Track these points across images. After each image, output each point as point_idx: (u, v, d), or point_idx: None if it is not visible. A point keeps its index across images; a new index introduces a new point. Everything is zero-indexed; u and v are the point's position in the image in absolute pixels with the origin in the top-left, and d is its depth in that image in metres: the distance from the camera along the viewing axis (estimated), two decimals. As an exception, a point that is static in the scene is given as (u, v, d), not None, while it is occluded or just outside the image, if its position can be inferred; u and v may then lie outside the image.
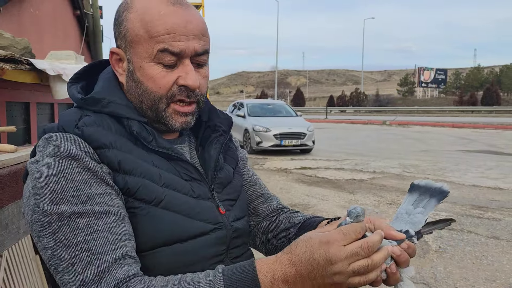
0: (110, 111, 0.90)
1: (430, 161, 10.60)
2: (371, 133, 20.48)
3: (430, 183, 0.88)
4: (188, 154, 1.01)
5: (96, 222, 0.76)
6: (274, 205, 1.19)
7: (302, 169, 9.47)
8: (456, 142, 15.56)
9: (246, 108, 13.51)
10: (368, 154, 12.06)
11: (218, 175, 1.01)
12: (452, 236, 4.74)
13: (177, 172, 0.92)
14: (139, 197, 0.85)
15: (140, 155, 0.89)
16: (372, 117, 36.84)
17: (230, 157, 1.10)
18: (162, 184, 0.88)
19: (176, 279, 0.74)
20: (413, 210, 0.85)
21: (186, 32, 0.88)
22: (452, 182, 7.89)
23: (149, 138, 0.90)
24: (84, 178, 0.78)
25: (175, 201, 0.88)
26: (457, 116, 36.33)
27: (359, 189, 7.29)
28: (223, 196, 1.00)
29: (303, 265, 0.70)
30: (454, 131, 21.13)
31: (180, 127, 0.94)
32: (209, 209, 0.94)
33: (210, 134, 1.05)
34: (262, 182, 1.22)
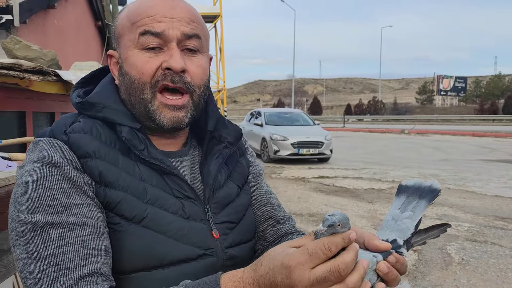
0: (103, 116, 0.85)
1: (451, 170, 10.42)
2: (389, 142, 20.26)
3: (418, 182, 0.77)
4: (187, 169, 0.93)
5: (69, 234, 0.71)
6: (285, 228, 1.04)
7: (320, 178, 9.42)
8: (477, 151, 15.26)
9: (263, 116, 13.54)
10: (386, 163, 11.92)
11: (216, 194, 0.91)
12: (475, 248, 4.64)
13: (168, 188, 0.84)
14: (119, 213, 0.78)
15: (126, 167, 0.82)
16: (390, 125, 36.45)
17: (237, 173, 1.00)
18: (146, 200, 0.80)
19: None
20: (400, 215, 0.74)
21: (170, 14, 0.84)
22: (474, 192, 7.73)
23: (140, 146, 0.83)
24: (63, 187, 0.74)
25: (159, 220, 0.80)
26: (477, 125, 35.68)
27: (378, 198, 7.20)
28: (221, 218, 0.90)
29: (266, 287, 0.63)
30: (474, 140, 20.73)
31: (169, 123, 0.85)
32: (199, 232, 0.84)
33: (214, 146, 0.96)
34: (277, 202, 1.08)
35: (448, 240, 4.90)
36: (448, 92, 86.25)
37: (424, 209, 0.73)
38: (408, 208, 0.73)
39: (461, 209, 6.43)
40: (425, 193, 0.74)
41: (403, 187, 0.77)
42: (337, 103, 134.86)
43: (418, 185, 0.76)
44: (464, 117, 48.84)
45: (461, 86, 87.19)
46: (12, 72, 2.06)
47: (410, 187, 0.76)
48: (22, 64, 2.13)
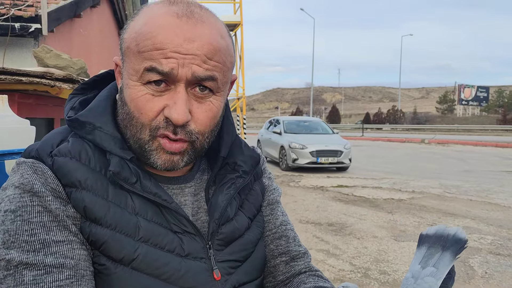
0: (92, 140, 0.76)
1: (473, 181, 10.21)
2: (409, 151, 19.99)
3: (441, 229, 0.65)
4: (189, 197, 0.82)
5: (44, 278, 0.64)
6: (299, 267, 0.94)
7: (339, 187, 9.35)
8: (501, 162, 14.92)
9: (282, 125, 13.55)
10: (406, 173, 11.76)
11: (222, 230, 0.81)
12: (499, 262, 4.53)
13: (165, 222, 0.76)
14: (105, 253, 0.70)
15: (116, 199, 0.73)
16: (409, 135, 35.97)
17: (249, 203, 0.89)
18: (139, 238, 0.72)
19: None
20: (420, 271, 0.62)
21: (182, 50, 0.69)
22: (497, 204, 7.56)
23: (131, 179, 0.74)
24: (43, 220, 0.67)
25: (152, 262, 0.72)
26: (500, 135, 34.90)
27: (398, 209, 7.11)
28: (224, 256, 0.80)
29: None
30: (497, 150, 20.28)
31: (162, 166, 0.75)
32: (198, 272, 0.75)
33: (226, 174, 0.85)
34: (292, 234, 0.96)
35: (471, 253, 4.80)
36: (469, 101, 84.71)
37: (450, 263, 0.61)
38: (430, 263, 0.62)
39: (483, 221, 6.29)
40: (449, 243, 0.63)
41: (424, 237, 0.66)
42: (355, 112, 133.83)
43: (441, 234, 0.65)
44: (486, 127, 47.85)
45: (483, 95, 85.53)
46: (44, 80, 2.14)
47: (431, 236, 0.65)
48: (53, 72, 2.20)
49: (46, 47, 2.54)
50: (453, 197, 8.26)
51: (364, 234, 5.59)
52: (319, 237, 5.44)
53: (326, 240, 5.29)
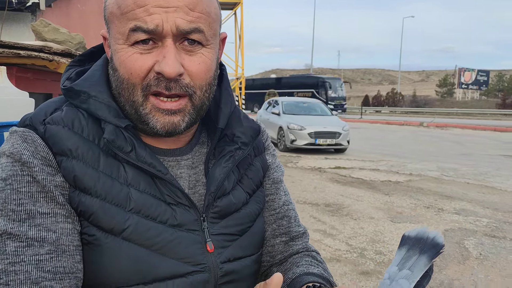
0: (86, 109, 0.75)
1: (471, 165, 10.26)
2: (408, 134, 20.01)
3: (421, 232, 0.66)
4: (186, 169, 0.81)
5: (24, 251, 0.64)
6: (297, 247, 0.95)
7: (337, 169, 9.38)
8: (499, 146, 14.96)
9: (281, 105, 13.51)
10: (404, 155, 11.80)
11: (218, 203, 0.80)
12: (494, 244, 4.59)
13: (158, 193, 0.75)
14: (94, 223, 0.70)
15: (108, 169, 0.72)
16: (408, 118, 35.92)
17: (249, 178, 0.87)
18: (129, 209, 0.71)
19: None
20: (397, 273, 0.63)
21: (163, 3, 0.68)
22: (493, 187, 7.61)
23: (126, 148, 0.72)
24: (31, 190, 0.67)
25: (143, 232, 0.71)
26: (499, 120, 34.91)
27: (395, 191, 7.15)
28: (219, 229, 0.79)
29: None
30: (496, 134, 20.32)
31: (162, 129, 0.74)
32: (190, 244, 0.74)
33: (225, 146, 0.83)
34: (294, 214, 0.96)
35: (466, 235, 4.86)
36: (469, 85, 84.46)
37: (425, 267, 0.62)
38: (407, 266, 0.64)
39: (480, 204, 6.35)
40: (427, 247, 0.64)
41: (406, 238, 0.67)
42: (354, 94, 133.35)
43: (420, 237, 0.66)
44: (485, 111, 47.80)
45: (483, 79, 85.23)
46: (42, 54, 2.11)
47: (412, 238, 0.66)
48: (52, 46, 2.17)
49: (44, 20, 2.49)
50: (450, 180, 8.31)
51: (361, 215, 5.64)
52: (316, 217, 5.48)
53: (323, 221, 5.33)
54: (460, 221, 5.40)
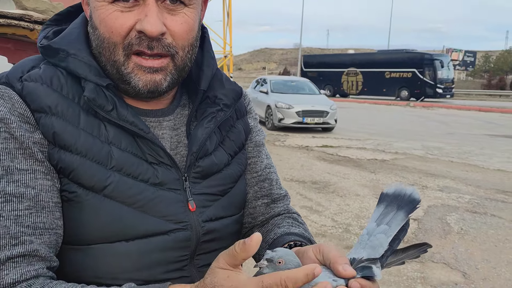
0: (65, 67, 0.73)
1: (455, 144, 10.41)
2: (395, 114, 20.17)
3: (399, 189, 0.67)
4: (168, 131, 0.80)
5: (3, 206, 0.63)
6: (279, 209, 0.96)
7: (324, 147, 9.45)
8: (483, 126, 15.19)
9: (269, 84, 13.45)
10: (390, 135, 11.91)
11: (200, 163, 0.79)
12: (475, 219, 4.70)
13: (140, 152, 0.74)
14: (75, 180, 0.69)
15: (88, 127, 0.71)
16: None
17: (231, 140, 0.88)
18: (110, 167, 0.71)
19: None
20: (375, 228, 0.65)
21: None
22: (476, 166, 7.76)
23: (107, 106, 0.71)
24: (9, 147, 0.66)
25: (125, 190, 0.71)
26: (484, 100, 35.35)
27: (381, 169, 7.25)
28: (201, 189, 0.79)
29: None
30: (480, 115, 20.60)
31: (145, 88, 0.73)
32: (172, 202, 0.75)
33: (206, 108, 0.82)
34: (275, 177, 0.97)
35: (448, 210, 4.97)
36: (456, 66, 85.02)
37: (402, 222, 0.64)
38: (385, 221, 0.65)
39: (463, 181, 6.48)
40: (404, 203, 0.65)
41: (384, 195, 0.68)
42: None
43: (398, 193, 0.67)
44: (471, 91, 48.32)
45: (470, 60, 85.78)
46: (22, 23, 2.05)
47: (390, 195, 0.67)
48: (32, 15, 2.11)
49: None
50: (435, 158, 8.44)
51: (347, 192, 5.71)
52: (303, 194, 5.54)
53: (309, 198, 5.39)
54: (443, 197, 5.51)
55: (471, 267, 3.51)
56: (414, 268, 3.48)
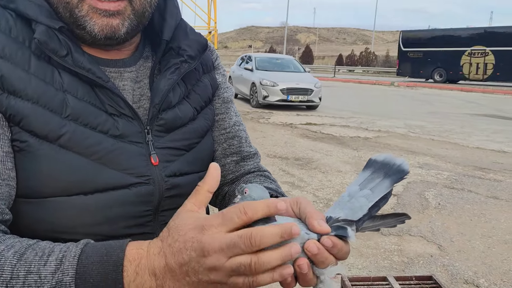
0: (14, 8, 0.68)
1: (436, 122, 10.56)
2: (379, 93, 20.29)
3: (389, 158, 0.66)
4: (129, 82, 0.76)
5: None
6: (249, 167, 0.93)
7: (307, 125, 9.48)
8: (464, 105, 15.41)
9: (254, 61, 13.34)
10: (374, 113, 12.00)
11: (162, 116, 0.76)
12: (452, 195, 4.81)
13: (99, 102, 0.70)
14: (26, 128, 0.64)
15: (40, 72, 0.66)
16: (380, 77, 36.31)
17: (197, 94, 0.84)
18: (66, 115, 0.66)
19: (26, 245, 0.57)
20: (357, 192, 0.64)
21: None
22: (456, 143, 7.90)
23: (61, 51, 0.66)
24: None
25: (82, 140, 0.67)
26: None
27: (363, 146, 7.32)
28: (165, 142, 0.76)
29: (173, 256, 0.53)
30: (462, 94, 20.86)
31: (101, 33, 0.68)
32: (133, 156, 0.71)
33: (170, 59, 0.79)
34: (245, 135, 0.95)
35: (427, 186, 5.07)
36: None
37: (386, 190, 0.63)
38: (369, 186, 0.64)
39: (442, 159, 6.60)
40: (392, 172, 0.64)
41: (372, 162, 0.67)
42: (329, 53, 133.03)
43: (387, 162, 0.65)
44: (454, 72, 48.62)
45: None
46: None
47: (378, 162, 0.66)
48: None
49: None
50: (416, 136, 8.55)
51: (329, 168, 5.77)
52: (285, 170, 5.57)
53: (292, 173, 5.44)
54: (422, 174, 5.62)
55: (446, 240, 3.61)
56: (391, 241, 3.57)
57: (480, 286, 2.90)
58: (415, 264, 3.18)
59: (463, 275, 3.04)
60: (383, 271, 3.05)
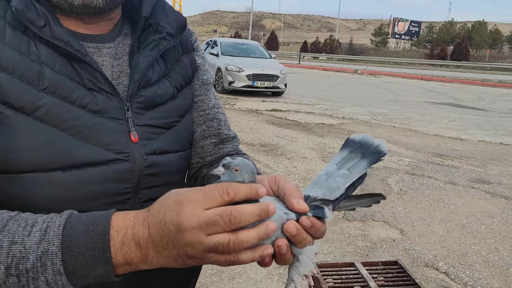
0: None
1: (398, 110, 10.85)
2: (343, 80, 20.59)
3: (366, 138, 0.65)
4: (108, 58, 0.75)
5: None
6: (227, 149, 0.93)
7: (273, 111, 9.49)
8: (424, 94, 15.91)
9: (219, 46, 13.17)
10: (338, 100, 12.18)
11: (142, 93, 0.75)
12: (413, 180, 4.96)
13: (77, 76, 0.68)
14: (2, 100, 0.63)
15: (15, 43, 0.64)
16: (344, 65, 36.79)
17: (176, 72, 0.83)
18: (43, 88, 0.65)
19: (7, 217, 0.57)
20: (335, 171, 0.64)
21: None
22: (417, 131, 8.15)
23: (39, 22, 0.64)
24: None
25: (60, 114, 0.65)
26: (426, 69, 36.87)
27: (328, 133, 7.41)
28: (144, 120, 0.75)
29: (155, 227, 0.54)
30: (422, 83, 21.53)
31: (80, 2, 0.67)
32: (113, 132, 0.70)
33: (149, 36, 0.78)
34: (224, 118, 0.95)
35: (390, 173, 5.20)
36: (402, 35, 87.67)
37: (363, 171, 0.63)
38: (346, 166, 0.64)
39: (404, 145, 6.79)
40: (370, 153, 0.64)
41: (350, 141, 0.67)
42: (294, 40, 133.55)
43: (365, 142, 0.65)
44: (414, 61, 50.21)
45: (415, 30, 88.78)
46: None
47: (356, 142, 0.66)
48: None
49: None
50: (379, 123, 8.75)
51: (295, 155, 5.81)
52: (251, 156, 5.56)
53: (258, 160, 5.43)
54: (385, 160, 5.75)
55: (408, 225, 3.72)
56: (356, 226, 3.64)
57: (439, 269, 3.01)
58: (379, 248, 3.26)
59: (424, 258, 3.14)
60: (348, 256, 3.11)
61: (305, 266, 0.61)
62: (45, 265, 0.53)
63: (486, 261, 3.16)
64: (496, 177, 5.27)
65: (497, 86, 21.90)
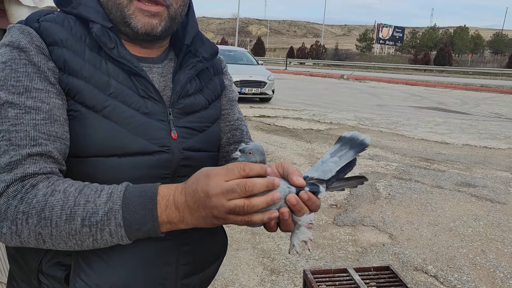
0: (77, 14, 0.88)
1: (384, 115, 10.98)
2: (329, 86, 20.76)
3: (355, 135, 0.82)
4: (157, 75, 0.95)
5: (24, 116, 0.77)
6: None
7: (261, 117, 9.53)
8: (409, 98, 16.13)
9: (206, 53, 13.18)
10: (325, 106, 12.28)
11: (181, 101, 0.95)
12: (401, 185, 5.03)
13: (134, 87, 0.88)
14: (79, 101, 0.83)
15: (92, 60, 0.85)
16: (330, 70, 37.11)
17: (208, 89, 1.04)
18: (109, 93, 0.85)
19: (83, 184, 0.76)
20: (329, 159, 0.81)
21: None
22: (403, 135, 8.26)
23: (110, 44, 0.86)
24: (28, 70, 0.80)
25: (120, 113, 0.85)
26: (410, 74, 37.39)
27: (316, 138, 7.47)
28: (183, 123, 0.94)
29: (189, 195, 0.72)
30: (407, 88, 21.82)
31: (143, 29, 0.87)
32: (158, 130, 0.89)
33: (189, 59, 0.99)
34: (246, 129, 1.13)
35: (378, 177, 5.26)
36: (386, 41, 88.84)
37: (350, 158, 0.80)
38: (337, 155, 0.81)
39: (391, 150, 6.87)
40: (356, 145, 0.81)
41: (342, 138, 0.84)
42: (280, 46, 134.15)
43: (353, 137, 0.82)
44: (399, 66, 50.87)
45: (399, 35, 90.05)
46: None
47: (347, 137, 0.83)
48: None
49: None
50: (366, 128, 8.85)
51: (284, 160, 5.82)
52: (241, 163, 5.58)
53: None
54: (373, 165, 5.83)
55: (396, 229, 3.78)
56: (346, 231, 3.68)
57: (429, 273, 3.06)
58: (369, 253, 3.30)
59: (413, 262, 3.19)
60: (339, 261, 3.14)
61: (304, 234, 0.79)
62: (109, 219, 0.72)
63: (474, 263, 3.23)
64: (481, 180, 5.38)
65: (480, 90, 22.32)
